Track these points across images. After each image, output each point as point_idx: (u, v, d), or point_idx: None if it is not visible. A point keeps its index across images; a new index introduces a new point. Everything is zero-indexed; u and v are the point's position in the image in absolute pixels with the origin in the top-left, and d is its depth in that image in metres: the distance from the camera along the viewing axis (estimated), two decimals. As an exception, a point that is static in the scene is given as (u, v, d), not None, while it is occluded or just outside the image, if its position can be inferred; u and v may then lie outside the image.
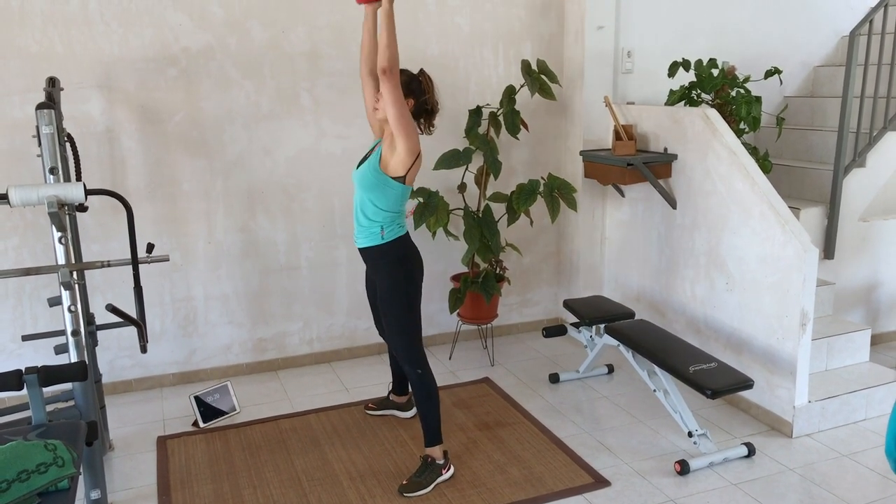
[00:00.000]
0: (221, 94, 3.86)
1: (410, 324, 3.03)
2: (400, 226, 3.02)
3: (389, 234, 2.97)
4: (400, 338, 3.04)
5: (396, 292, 2.99)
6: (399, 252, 3.00)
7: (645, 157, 3.92)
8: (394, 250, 2.98)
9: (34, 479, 1.97)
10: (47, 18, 3.52)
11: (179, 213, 3.91)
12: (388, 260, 2.99)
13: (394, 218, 2.97)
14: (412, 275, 3.02)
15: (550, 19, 4.45)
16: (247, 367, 4.20)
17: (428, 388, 3.04)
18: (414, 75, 3.02)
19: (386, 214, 2.95)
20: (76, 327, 2.69)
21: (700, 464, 3.15)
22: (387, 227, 2.96)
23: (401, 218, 3.02)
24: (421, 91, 3.00)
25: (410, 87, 2.96)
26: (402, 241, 3.00)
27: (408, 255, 3.03)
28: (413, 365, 3.02)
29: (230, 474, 3.16)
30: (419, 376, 3.02)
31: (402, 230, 3.02)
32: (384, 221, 2.95)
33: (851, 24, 4.83)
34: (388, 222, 2.96)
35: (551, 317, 4.88)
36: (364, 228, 2.99)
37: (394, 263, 2.99)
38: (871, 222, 4.33)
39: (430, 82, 3.04)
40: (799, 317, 3.30)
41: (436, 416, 3.06)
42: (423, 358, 3.05)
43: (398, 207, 2.98)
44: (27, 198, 2.55)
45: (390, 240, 2.97)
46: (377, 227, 2.96)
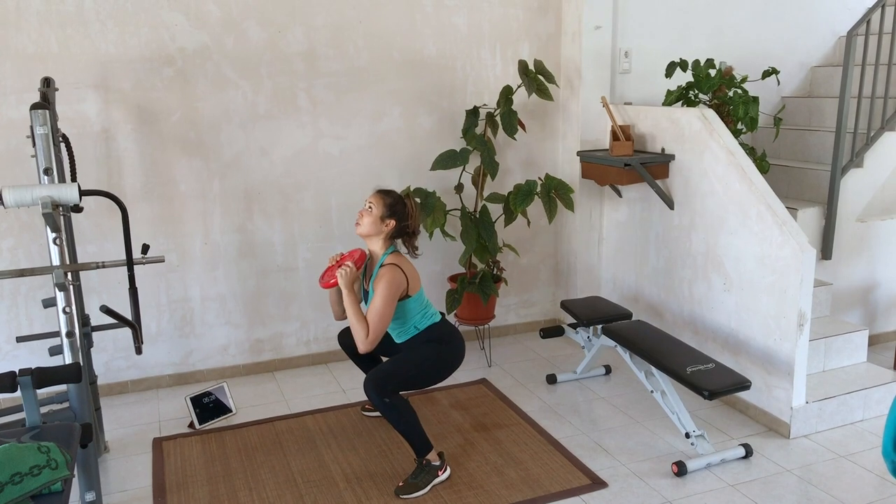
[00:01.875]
0: (218, 95, 3.85)
1: (410, 382, 3.08)
2: (431, 315, 3.15)
3: (423, 324, 3.12)
4: (391, 377, 2.98)
5: (432, 359, 3.10)
6: (439, 334, 3.13)
7: (642, 158, 3.91)
8: (434, 332, 3.12)
9: (27, 482, 1.95)
10: (43, 18, 3.51)
11: (176, 214, 3.90)
12: (431, 338, 3.12)
13: (421, 317, 3.11)
14: (452, 357, 3.13)
15: (548, 20, 4.45)
16: (243, 368, 4.19)
17: (400, 411, 2.97)
18: (400, 198, 3.11)
19: (410, 319, 3.10)
20: (71, 329, 2.68)
21: (697, 465, 3.14)
22: (419, 323, 3.11)
23: (428, 310, 3.15)
24: (405, 215, 3.10)
25: (395, 209, 3.08)
26: (439, 325, 3.14)
27: (451, 336, 3.15)
28: (380, 394, 2.93)
29: (226, 476, 3.15)
30: (387, 405, 2.94)
31: (435, 318, 3.16)
32: (414, 322, 3.12)
33: (849, 24, 4.83)
34: (418, 321, 3.12)
35: (549, 317, 4.88)
36: (400, 333, 3.15)
37: (438, 341, 3.12)
38: (868, 223, 4.32)
39: (414, 208, 3.13)
40: (796, 317, 3.29)
41: (418, 432, 3.03)
42: (396, 391, 2.98)
43: (418, 309, 3.10)
44: (21, 199, 2.54)
45: (426, 327, 3.12)
46: (410, 328, 3.12)
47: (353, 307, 2.96)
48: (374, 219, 3.05)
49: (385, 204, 3.06)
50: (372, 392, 2.93)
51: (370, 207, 3.06)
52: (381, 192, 3.11)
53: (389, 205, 3.07)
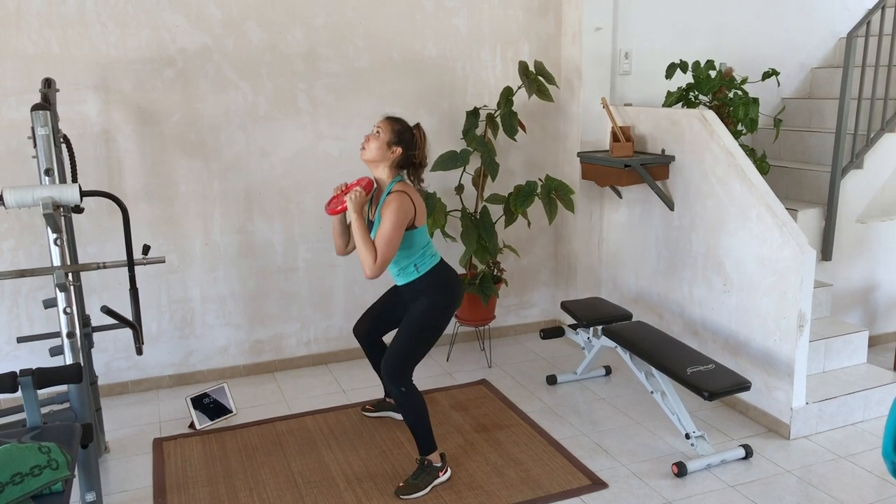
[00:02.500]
0: (218, 96, 3.86)
1: (419, 350, 3.05)
2: (432, 256, 3.09)
3: (423, 266, 3.05)
4: (401, 356, 3.00)
5: (429, 318, 3.03)
6: (440, 279, 3.07)
7: (642, 159, 3.91)
8: (433, 278, 3.05)
9: (28, 482, 1.95)
10: (43, 19, 3.52)
11: (176, 215, 3.91)
12: (429, 287, 3.05)
13: (422, 254, 3.05)
14: (449, 306, 3.07)
15: (548, 21, 4.45)
16: (244, 368, 4.19)
17: (413, 403, 3.00)
18: (409, 127, 3.05)
19: (412, 253, 3.03)
20: (71, 329, 2.69)
21: (697, 466, 3.14)
22: (419, 262, 3.05)
23: (430, 249, 3.09)
24: (412, 145, 3.03)
25: (403, 136, 3.00)
26: (438, 268, 3.08)
27: (448, 282, 3.09)
28: (397, 383, 2.97)
29: (226, 477, 3.15)
30: (403, 394, 2.98)
31: (435, 259, 3.09)
32: (414, 259, 3.04)
33: (849, 25, 4.84)
34: (419, 258, 3.04)
35: (549, 318, 4.88)
36: (399, 271, 3.08)
37: (435, 290, 3.05)
38: (868, 224, 4.32)
39: (423, 138, 3.07)
40: (796, 318, 3.29)
41: (426, 427, 3.04)
42: (410, 377, 3.01)
43: (421, 244, 3.04)
44: (22, 199, 2.55)
45: (426, 271, 3.05)
46: (410, 265, 3.05)
47: (362, 231, 2.88)
48: (381, 144, 2.95)
49: (393, 130, 2.97)
50: (388, 380, 2.98)
51: (377, 132, 2.97)
52: (390, 118, 3.02)
53: (398, 131, 2.98)
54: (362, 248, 2.87)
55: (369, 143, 2.98)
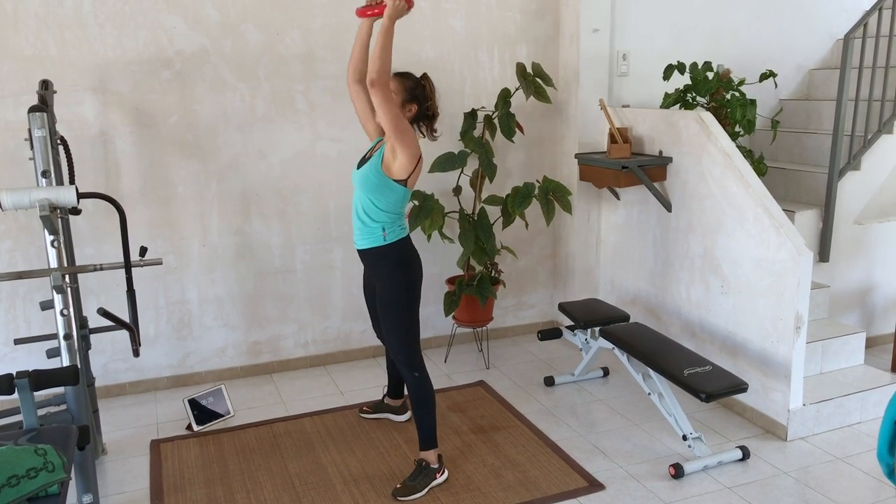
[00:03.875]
0: (216, 97, 3.86)
1: (409, 327, 3.02)
2: (402, 227, 3.01)
3: (391, 235, 2.96)
4: (398, 341, 3.02)
5: (397, 295, 2.97)
6: (401, 254, 2.98)
7: (640, 160, 3.92)
8: (395, 252, 2.97)
9: (24, 485, 1.96)
10: (41, 21, 3.52)
11: (174, 216, 3.91)
12: (390, 262, 2.98)
13: (395, 219, 2.97)
14: (413, 278, 3.01)
15: (546, 22, 4.46)
16: (241, 370, 4.19)
17: (424, 392, 3.03)
18: (418, 80, 3.00)
19: (387, 215, 2.93)
20: (68, 331, 2.68)
21: (694, 467, 3.14)
22: (388, 228, 2.95)
23: (402, 219, 3.02)
24: (424, 97, 3.00)
25: (415, 92, 2.96)
26: (403, 243, 2.99)
27: (409, 257, 3.01)
28: (410, 368, 3.01)
29: (224, 478, 3.15)
30: (416, 380, 3.01)
31: (403, 232, 3.01)
32: (386, 222, 2.94)
33: (846, 26, 4.85)
34: (390, 223, 2.95)
35: (547, 319, 4.88)
36: (365, 229, 2.97)
37: (395, 266, 2.97)
38: (865, 225, 4.33)
39: (432, 87, 3.04)
40: (793, 320, 3.30)
41: (432, 421, 3.06)
42: (421, 361, 3.04)
43: (399, 209, 2.97)
44: (19, 201, 2.54)
45: (392, 241, 2.96)
46: (378, 227, 2.94)
47: (386, 39, 2.74)
48: (398, 104, 2.90)
49: (406, 88, 2.93)
50: (403, 368, 3.02)
51: (393, 93, 2.87)
52: (401, 76, 2.95)
53: (410, 88, 2.94)
54: (376, 58, 2.70)
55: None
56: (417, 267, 3.04)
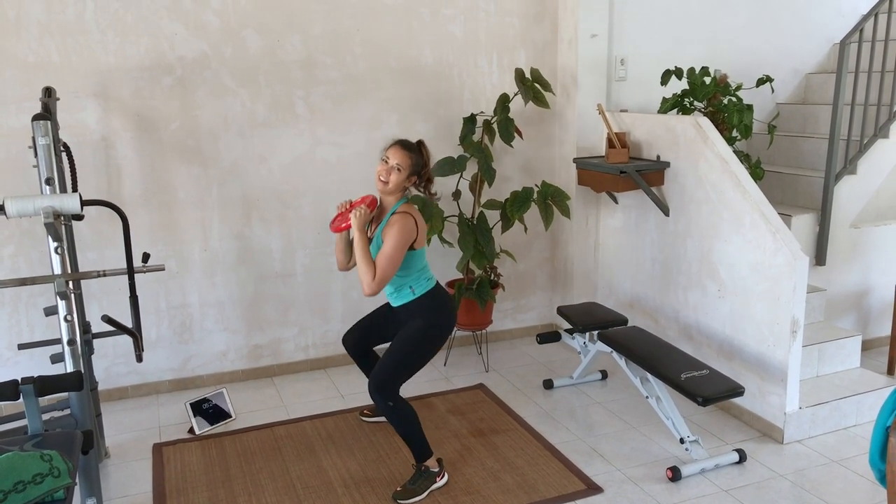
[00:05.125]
0: (217, 103, 3.89)
1: (411, 366, 3.09)
2: (428, 279, 3.14)
3: (419, 288, 3.10)
4: (391, 370, 3.03)
5: (420, 339, 3.08)
6: (434, 302, 3.12)
7: (638, 165, 3.95)
8: (426, 301, 3.11)
9: (30, 490, 1.98)
10: (43, 28, 3.54)
11: (175, 221, 3.93)
12: (424, 310, 3.10)
13: (418, 276, 3.10)
14: (442, 331, 3.13)
15: (544, 27, 4.48)
16: (242, 373, 4.22)
17: (403, 415, 3.02)
18: (418, 150, 3.09)
19: (409, 275, 3.08)
20: (72, 336, 2.71)
21: (692, 470, 3.18)
22: (414, 284, 3.10)
23: (426, 272, 3.14)
24: (423, 164, 3.10)
25: (417, 164, 3.06)
26: (433, 292, 3.14)
27: (442, 306, 3.14)
28: (384, 397, 2.99)
29: (225, 481, 3.18)
30: (391, 408, 3.00)
31: (431, 283, 3.15)
32: (410, 280, 3.09)
33: (843, 31, 4.88)
34: (415, 280, 3.10)
35: (546, 322, 4.91)
36: (394, 291, 3.13)
37: (429, 313, 3.11)
38: (862, 229, 4.36)
39: (428, 154, 3.14)
40: (790, 324, 3.33)
41: (419, 435, 3.07)
42: (397, 392, 3.03)
43: (418, 267, 3.10)
44: (23, 209, 2.57)
45: (421, 293, 3.10)
46: (406, 287, 3.10)
47: (363, 249, 2.95)
48: (402, 179, 3.01)
49: (412, 163, 3.03)
50: (376, 395, 2.99)
51: (398, 169, 2.99)
52: (405, 149, 3.04)
53: (415, 162, 3.04)
54: (362, 265, 2.94)
55: (390, 176, 3.00)
56: (449, 316, 3.16)
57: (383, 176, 3.02)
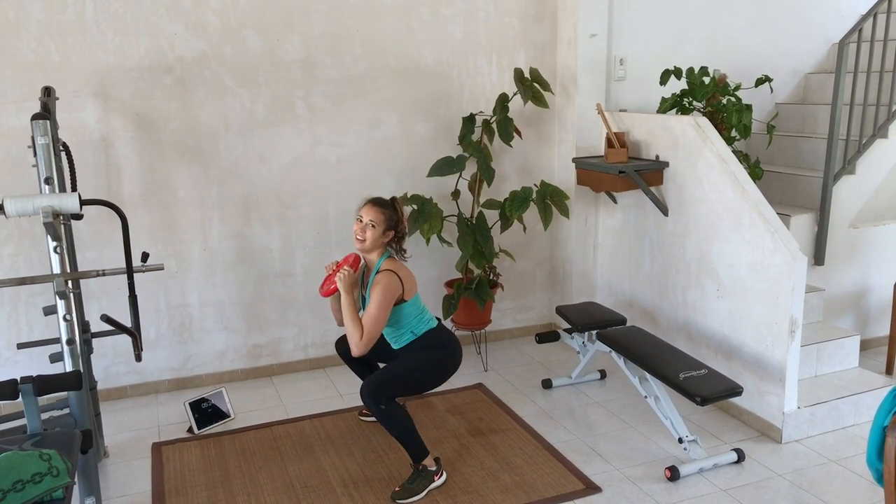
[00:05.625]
0: (216, 102, 3.89)
1: (408, 385, 3.13)
2: (428, 321, 3.21)
3: (419, 329, 3.18)
4: (389, 380, 3.05)
5: (426, 363, 3.14)
6: (434, 339, 3.19)
7: (637, 165, 3.95)
8: (431, 338, 3.18)
9: (29, 489, 1.99)
10: (43, 28, 3.55)
11: (175, 221, 3.94)
12: (428, 345, 3.18)
13: (417, 322, 3.17)
14: (448, 363, 3.18)
15: (543, 27, 4.49)
16: (242, 373, 4.23)
17: (395, 417, 3.03)
18: (393, 206, 3.15)
19: (406, 322, 3.15)
20: (71, 336, 2.72)
21: (690, 470, 3.18)
22: (415, 328, 3.17)
23: (424, 316, 3.20)
24: (397, 222, 3.16)
25: (392, 219, 3.13)
26: (435, 331, 3.20)
27: (448, 341, 3.21)
28: (377, 401, 2.99)
29: (225, 481, 3.18)
30: (383, 412, 3.00)
31: (431, 323, 3.22)
32: (410, 327, 3.16)
33: (842, 31, 4.89)
34: (414, 325, 3.17)
35: (545, 322, 4.92)
36: (396, 338, 3.20)
37: (434, 347, 3.18)
38: (860, 229, 4.36)
39: (402, 211, 3.20)
40: (788, 324, 3.33)
41: (414, 436, 3.07)
42: (392, 399, 3.04)
43: (415, 314, 3.16)
44: (23, 209, 2.58)
45: (422, 333, 3.17)
46: (407, 332, 3.18)
47: (350, 310, 3.02)
48: (378, 235, 3.10)
49: (386, 218, 3.12)
50: (368, 399, 2.98)
51: (372, 224, 3.08)
52: (377, 206, 3.13)
53: (389, 217, 3.13)
54: (350, 325, 3.01)
55: (366, 233, 3.08)
56: (454, 351, 3.21)
57: (359, 235, 3.10)
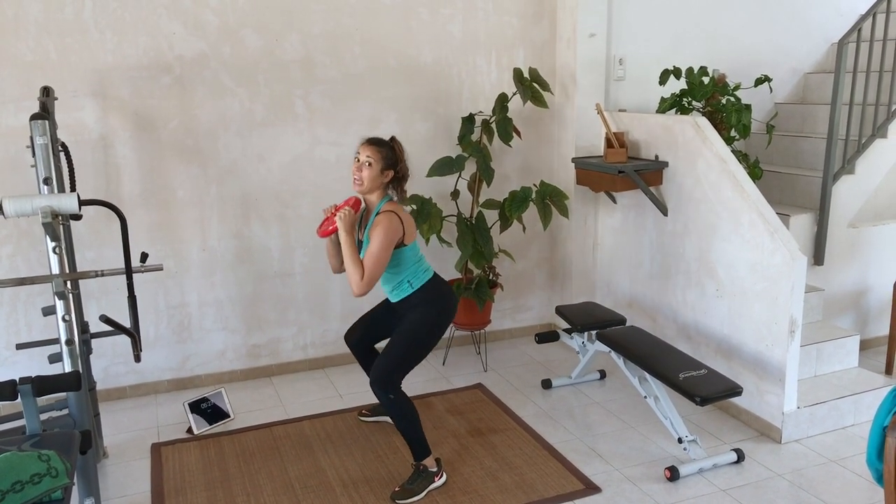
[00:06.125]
0: (215, 102, 3.88)
1: (410, 361, 3.10)
2: (424, 270, 3.15)
3: (417, 281, 3.11)
4: (392, 363, 3.05)
5: (421, 330, 3.09)
6: (433, 293, 3.13)
7: (636, 165, 3.95)
8: (425, 293, 3.12)
9: (28, 490, 1.98)
10: (42, 27, 3.54)
11: (174, 220, 3.93)
12: (422, 304, 3.12)
13: (415, 269, 3.11)
14: (441, 320, 3.14)
15: (543, 27, 4.48)
16: (241, 373, 4.22)
17: (403, 409, 3.04)
18: (391, 146, 3.08)
19: (404, 269, 3.09)
20: (70, 336, 2.71)
21: (690, 470, 3.18)
22: (412, 278, 3.11)
23: (422, 264, 3.15)
24: (396, 160, 3.09)
25: (390, 158, 3.06)
26: (432, 283, 3.15)
27: (441, 295, 3.16)
28: (385, 390, 3.00)
29: (224, 481, 3.18)
30: (392, 401, 3.02)
31: (428, 274, 3.15)
32: (406, 276, 3.10)
33: (842, 30, 4.89)
34: (411, 275, 3.10)
35: (544, 322, 4.91)
36: (392, 287, 3.15)
37: (429, 304, 3.12)
38: (860, 228, 4.36)
39: (401, 149, 3.13)
40: (788, 324, 3.33)
41: (417, 432, 3.07)
42: (398, 385, 3.05)
43: (413, 260, 3.10)
44: (21, 209, 2.57)
45: (419, 286, 3.11)
46: (404, 282, 3.11)
47: (350, 248, 2.95)
48: (376, 174, 3.01)
49: (383, 157, 3.02)
50: (378, 389, 3.01)
51: (369, 162, 3.00)
52: (375, 144, 3.04)
53: (386, 156, 3.03)
54: (350, 265, 2.95)
55: (362, 173, 3.01)
56: (449, 306, 3.17)
57: (356, 174, 3.03)
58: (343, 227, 2.98)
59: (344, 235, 2.97)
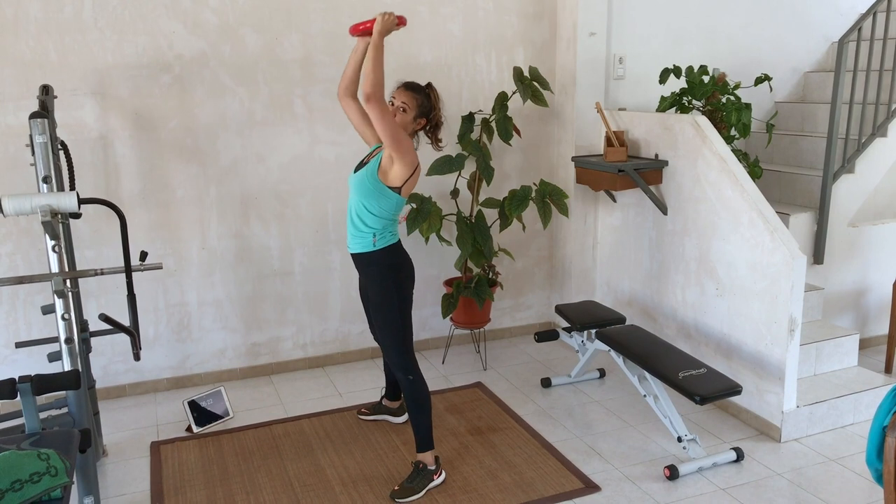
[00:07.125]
0: (215, 101, 3.88)
1: (401, 331, 3.05)
2: (392, 234, 3.03)
3: (381, 241, 2.98)
4: (391, 344, 3.06)
5: (387, 300, 3.01)
6: (390, 260, 3.02)
7: (636, 164, 3.95)
8: (385, 258, 3.01)
9: (27, 489, 1.98)
10: (41, 26, 3.54)
11: (173, 220, 3.93)
12: (379, 268, 3.02)
13: (387, 225, 2.99)
14: (403, 283, 3.04)
15: (543, 26, 4.48)
16: (240, 371, 4.22)
17: (419, 395, 3.06)
18: (427, 93, 3.02)
19: (379, 221, 2.96)
20: (69, 335, 2.71)
21: (689, 469, 3.18)
22: (379, 234, 2.98)
23: (393, 226, 3.04)
24: (431, 108, 3.03)
25: (425, 106, 3.00)
26: (393, 249, 3.03)
27: (399, 262, 3.05)
28: (404, 371, 3.05)
29: (223, 480, 3.18)
30: (410, 382, 3.05)
31: (394, 238, 3.04)
32: (377, 229, 2.97)
33: (842, 29, 4.89)
34: (381, 230, 2.98)
35: (544, 320, 4.91)
36: (357, 233, 3.00)
37: (385, 271, 3.01)
38: (860, 227, 4.36)
39: (437, 97, 3.06)
40: (787, 323, 3.33)
41: (427, 423, 3.09)
42: (414, 364, 3.07)
43: (392, 215, 2.99)
44: (21, 207, 2.57)
45: (381, 247, 2.99)
46: (370, 234, 2.97)
47: (375, 52, 2.75)
48: (408, 121, 2.95)
49: (418, 104, 2.96)
50: (398, 372, 3.05)
51: (403, 109, 2.93)
52: (411, 90, 2.97)
53: (422, 104, 2.97)
54: (370, 67, 2.73)
55: (395, 117, 2.90)
56: (408, 272, 3.08)
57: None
58: (378, 27, 2.81)
59: (377, 37, 2.79)
